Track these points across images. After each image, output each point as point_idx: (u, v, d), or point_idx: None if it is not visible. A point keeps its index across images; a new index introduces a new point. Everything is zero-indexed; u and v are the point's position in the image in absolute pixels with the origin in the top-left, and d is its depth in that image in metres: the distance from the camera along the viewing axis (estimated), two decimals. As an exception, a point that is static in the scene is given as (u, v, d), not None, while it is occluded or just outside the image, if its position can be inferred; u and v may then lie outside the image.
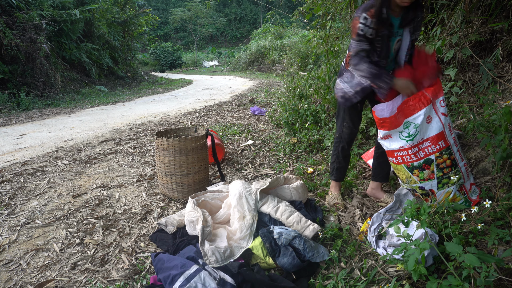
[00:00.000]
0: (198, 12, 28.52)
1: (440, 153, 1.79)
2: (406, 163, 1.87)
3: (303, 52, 11.53)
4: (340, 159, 2.23)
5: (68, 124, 5.55)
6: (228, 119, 5.67)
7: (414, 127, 1.79)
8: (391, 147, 1.90)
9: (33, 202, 2.53)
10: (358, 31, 1.70)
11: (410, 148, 1.82)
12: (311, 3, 4.13)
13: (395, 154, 1.89)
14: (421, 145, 1.80)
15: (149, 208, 2.40)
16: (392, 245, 1.59)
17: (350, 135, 2.14)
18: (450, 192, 1.83)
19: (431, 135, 1.79)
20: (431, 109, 1.78)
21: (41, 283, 1.62)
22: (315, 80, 4.28)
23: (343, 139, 2.16)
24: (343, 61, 2.06)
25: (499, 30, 2.44)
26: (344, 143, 2.17)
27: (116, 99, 9.16)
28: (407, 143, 1.82)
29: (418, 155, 1.82)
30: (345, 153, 2.21)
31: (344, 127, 2.12)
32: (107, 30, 12.48)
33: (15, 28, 7.76)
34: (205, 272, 1.49)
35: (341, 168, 2.26)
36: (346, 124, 2.11)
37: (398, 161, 1.90)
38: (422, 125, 1.78)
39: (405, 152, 1.84)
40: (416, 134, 1.80)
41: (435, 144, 1.79)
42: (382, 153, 2.19)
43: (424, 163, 1.82)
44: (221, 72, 21.83)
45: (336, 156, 2.24)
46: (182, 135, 2.86)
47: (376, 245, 1.68)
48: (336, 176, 2.28)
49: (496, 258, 1.18)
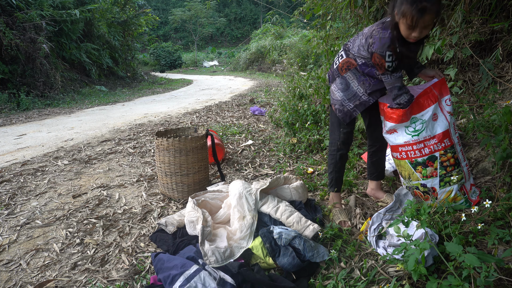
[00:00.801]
0: (198, 12, 28.51)
1: (444, 151, 1.80)
2: (410, 159, 1.88)
3: (303, 52, 11.54)
4: (338, 168, 2.11)
5: (68, 124, 5.55)
6: (228, 119, 5.67)
7: (421, 123, 1.81)
8: (396, 141, 1.90)
9: (33, 202, 2.53)
10: (388, 69, 1.67)
11: (415, 143, 1.83)
12: (311, 3, 4.13)
13: (400, 149, 1.90)
14: (427, 142, 1.81)
15: (149, 208, 2.40)
16: (392, 245, 1.59)
17: (348, 139, 2.05)
18: (451, 191, 1.83)
19: (438, 133, 1.80)
20: (437, 107, 1.81)
21: (41, 283, 1.62)
22: (315, 80, 4.28)
23: (341, 147, 2.05)
24: (335, 64, 1.97)
25: (499, 30, 2.44)
26: (344, 150, 2.07)
27: (116, 99, 9.17)
28: (412, 138, 1.83)
29: (423, 151, 1.83)
30: (344, 160, 2.11)
31: (342, 132, 2.02)
32: (107, 30, 12.49)
33: (15, 28, 7.77)
34: (205, 272, 1.49)
35: (340, 177, 2.15)
36: (343, 130, 2.01)
37: (402, 156, 1.90)
38: (428, 122, 1.80)
39: (409, 148, 1.85)
40: (422, 130, 1.81)
41: (440, 142, 1.80)
42: (374, 152, 2.19)
43: (428, 159, 1.83)
44: (221, 72, 21.83)
45: (334, 165, 2.11)
46: (182, 135, 2.86)
47: (376, 245, 1.68)
48: (336, 187, 2.15)
49: (496, 258, 1.18)
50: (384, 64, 1.66)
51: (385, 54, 1.63)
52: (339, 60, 1.93)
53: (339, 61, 1.93)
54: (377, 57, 1.67)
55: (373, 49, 1.67)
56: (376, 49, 1.65)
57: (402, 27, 1.57)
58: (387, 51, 1.62)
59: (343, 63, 1.90)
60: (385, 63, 1.65)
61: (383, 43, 1.62)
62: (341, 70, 1.91)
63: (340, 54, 1.94)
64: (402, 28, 1.57)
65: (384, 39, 1.62)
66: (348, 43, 1.91)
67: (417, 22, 1.49)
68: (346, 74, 1.89)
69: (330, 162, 2.14)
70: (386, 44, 1.62)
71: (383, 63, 1.66)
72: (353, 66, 1.85)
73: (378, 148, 2.17)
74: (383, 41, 1.62)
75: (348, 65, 1.87)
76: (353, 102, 1.91)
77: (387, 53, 1.62)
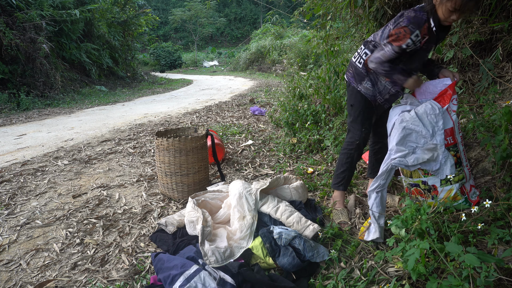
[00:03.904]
0: (198, 12, 28.52)
1: (448, 148, 1.80)
2: None
3: (303, 52, 11.54)
4: (353, 166, 2.08)
5: (68, 124, 5.55)
6: (228, 119, 5.67)
7: None
8: None
9: (33, 202, 2.53)
10: (403, 45, 1.68)
11: None
12: (311, 3, 4.13)
13: None
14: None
15: (149, 208, 2.40)
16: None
17: (367, 139, 2.05)
18: (452, 190, 1.83)
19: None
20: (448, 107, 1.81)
21: (41, 283, 1.62)
22: (315, 80, 4.29)
23: (361, 145, 2.02)
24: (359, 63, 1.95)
25: (499, 30, 2.44)
26: (361, 150, 2.04)
27: (116, 99, 9.17)
28: None
29: None
30: (358, 159, 2.09)
31: (364, 132, 2.00)
32: (107, 30, 12.49)
33: (15, 28, 7.77)
34: (205, 272, 1.49)
35: (351, 177, 2.12)
36: (365, 130, 2.00)
37: None
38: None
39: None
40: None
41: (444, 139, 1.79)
42: (380, 149, 2.20)
43: None
44: (221, 72, 21.83)
45: (349, 164, 2.07)
46: (182, 135, 2.86)
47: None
48: (345, 186, 2.11)
49: (496, 258, 1.18)
50: (407, 38, 1.65)
51: (414, 31, 1.64)
52: (363, 58, 1.93)
53: (363, 59, 1.93)
54: (402, 29, 1.66)
55: (403, 23, 1.67)
56: (406, 23, 1.66)
57: (444, 9, 1.59)
58: (418, 30, 1.64)
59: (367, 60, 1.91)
60: (408, 39, 1.65)
61: (415, 20, 1.64)
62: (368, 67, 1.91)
63: (363, 52, 1.93)
64: (442, 10, 1.60)
65: (418, 17, 1.65)
66: (371, 39, 1.91)
67: (463, 6, 1.54)
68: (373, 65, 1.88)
69: (345, 161, 2.09)
70: (419, 23, 1.64)
71: (406, 37, 1.65)
72: None
73: (383, 144, 2.18)
74: (416, 19, 1.65)
75: None
76: (383, 96, 1.94)
77: (416, 31, 1.64)
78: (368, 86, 1.94)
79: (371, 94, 1.95)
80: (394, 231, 1.40)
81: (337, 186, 2.13)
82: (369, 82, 1.93)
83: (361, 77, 1.95)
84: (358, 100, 1.98)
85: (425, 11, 1.66)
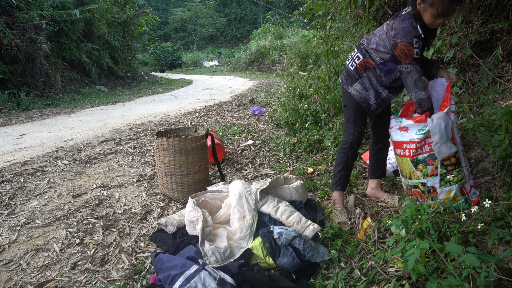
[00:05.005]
0: (198, 12, 28.51)
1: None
2: (411, 157, 1.88)
3: (303, 52, 11.53)
4: (348, 166, 2.10)
5: (68, 124, 5.55)
6: (228, 119, 5.67)
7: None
8: (403, 139, 1.91)
9: (33, 202, 2.53)
10: (415, 56, 1.71)
11: (419, 141, 1.83)
12: (311, 3, 4.14)
13: (404, 146, 1.90)
14: (429, 139, 1.81)
15: (149, 208, 2.40)
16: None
17: (361, 138, 2.07)
18: (452, 191, 1.83)
19: None
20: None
21: (41, 283, 1.62)
22: (315, 80, 4.28)
23: (355, 145, 2.05)
24: (351, 66, 1.98)
25: (499, 30, 2.44)
26: (355, 149, 2.06)
27: (116, 99, 9.17)
28: (418, 136, 1.84)
29: (423, 148, 1.83)
30: (354, 159, 2.11)
31: (356, 131, 2.03)
32: (107, 30, 12.49)
33: (15, 28, 7.76)
34: (205, 272, 1.49)
35: (348, 176, 2.13)
36: (358, 129, 2.03)
37: (405, 154, 1.90)
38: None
39: (413, 145, 1.86)
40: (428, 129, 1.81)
41: None
42: (380, 149, 2.20)
43: (428, 157, 1.83)
44: (221, 72, 21.83)
45: (344, 163, 2.09)
46: (182, 135, 2.86)
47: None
48: (343, 185, 2.13)
49: (496, 258, 1.18)
50: (412, 51, 1.70)
51: (413, 41, 1.69)
52: (355, 61, 1.96)
53: (355, 63, 1.96)
54: (403, 46, 1.71)
55: (398, 39, 1.72)
56: (401, 38, 1.70)
57: (428, 15, 1.66)
58: (414, 38, 1.69)
59: (361, 63, 1.93)
60: (414, 49, 1.70)
61: (407, 32, 1.69)
62: (361, 70, 1.94)
63: (355, 56, 1.96)
64: (427, 16, 1.66)
65: (408, 27, 1.69)
66: (363, 43, 1.93)
67: (445, 11, 1.60)
68: (366, 73, 1.93)
69: (340, 160, 2.11)
70: (412, 33, 1.69)
71: (411, 50, 1.70)
72: (371, 66, 1.89)
73: (384, 145, 2.18)
74: (407, 30, 1.69)
75: (366, 65, 1.91)
76: (375, 100, 1.96)
77: (414, 39, 1.69)
78: (358, 88, 1.96)
79: (361, 97, 1.97)
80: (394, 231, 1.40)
81: (335, 186, 2.15)
82: (360, 85, 1.96)
83: (353, 80, 1.98)
84: (351, 101, 2.02)
85: (412, 17, 1.71)
